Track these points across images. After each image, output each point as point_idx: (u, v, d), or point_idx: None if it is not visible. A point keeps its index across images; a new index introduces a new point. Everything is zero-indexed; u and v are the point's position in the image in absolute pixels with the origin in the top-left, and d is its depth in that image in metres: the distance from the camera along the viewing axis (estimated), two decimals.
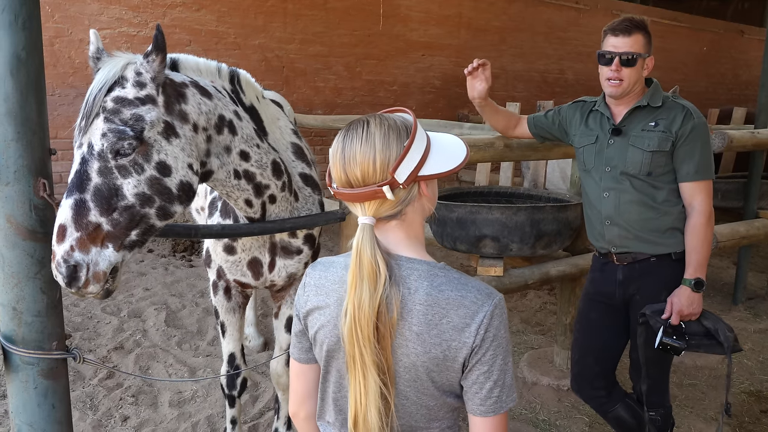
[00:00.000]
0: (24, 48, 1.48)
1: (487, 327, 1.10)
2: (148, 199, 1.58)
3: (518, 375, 3.69)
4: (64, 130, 5.97)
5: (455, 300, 1.11)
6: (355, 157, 1.13)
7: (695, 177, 2.20)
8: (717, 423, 3.18)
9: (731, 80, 13.14)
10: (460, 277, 1.15)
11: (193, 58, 1.83)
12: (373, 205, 1.14)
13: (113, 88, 1.57)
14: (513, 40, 9.43)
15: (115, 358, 3.71)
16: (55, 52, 5.92)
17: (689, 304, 2.18)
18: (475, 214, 2.80)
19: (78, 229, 1.48)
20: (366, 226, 1.14)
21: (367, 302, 1.09)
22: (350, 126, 1.18)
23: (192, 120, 1.69)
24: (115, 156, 1.53)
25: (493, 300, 1.12)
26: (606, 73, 2.26)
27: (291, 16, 7.28)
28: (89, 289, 1.51)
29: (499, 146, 2.70)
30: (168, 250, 5.92)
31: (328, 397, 1.26)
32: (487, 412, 1.13)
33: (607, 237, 2.35)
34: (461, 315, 1.10)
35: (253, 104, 2.01)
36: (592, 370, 2.48)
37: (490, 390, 1.12)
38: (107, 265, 1.53)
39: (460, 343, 1.10)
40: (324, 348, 1.21)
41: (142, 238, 1.61)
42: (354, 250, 1.13)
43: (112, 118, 1.54)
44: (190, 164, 1.67)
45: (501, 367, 1.12)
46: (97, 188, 1.51)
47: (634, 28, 2.21)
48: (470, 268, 5.69)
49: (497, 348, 1.12)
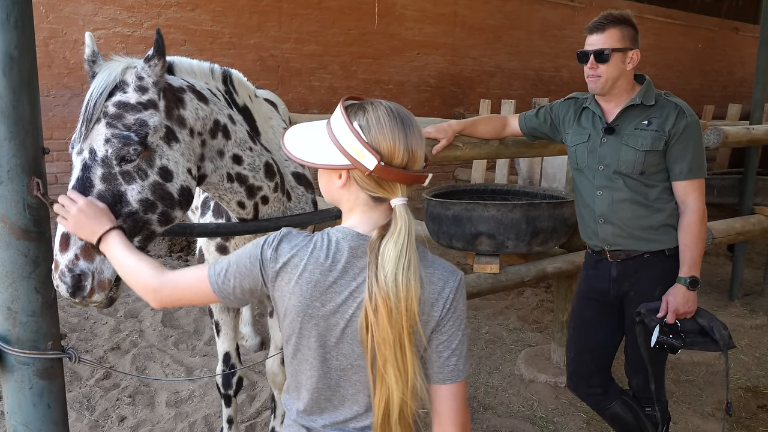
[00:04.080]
0: (16, 47, 1.47)
1: (452, 301, 1.22)
2: (151, 205, 1.56)
3: (515, 372, 3.69)
4: (59, 131, 5.96)
5: (424, 278, 1.19)
6: (417, 141, 1.20)
7: (688, 176, 2.20)
8: (714, 419, 3.19)
9: (726, 77, 13.17)
10: (427, 254, 1.25)
11: (188, 61, 1.81)
12: (411, 187, 1.22)
13: (114, 93, 1.54)
14: (508, 38, 9.43)
15: (111, 358, 3.70)
16: (50, 52, 5.90)
17: (684, 303, 2.19)
18: (470, 212, 2.80)
19: None
20: (405, 205, 1.19)
21: (414, 290, 1.14)
22: (395, 107, 1.20)
23: (189, 125, 1.67)
24: (120, 162, 1.50)
25: (456, 276, 1.24)
26: (585, 71, 2.28)
27: (286, 15, 7.27)
28: (94, 298, 1.50)
29: (494, 143, 2.70)
30: (164, 251, 5.91)
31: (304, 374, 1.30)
32: (445, 380, 1.23)
33: (601, 235, 2.35)
34: (429, 291, 1.20)
35: (246, 104, 2.00)
36: (587, 367, 2.48)
37: (448, 358, 1.23)
38: (112, 273, 1.51)
39: (429, 317, 1.20)
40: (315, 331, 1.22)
41: (144, 244, 1.59)
42: (404, 228, 1.16)
43: (115, 123, 1.51)
44: (189, 169, 1.66)
45: (459, 338, 1.24)
46: (101, 195, 1.49)
47: (610, 23, 2.21)
48: (466, 265, 5.70)
49: (456, 320, 1.23)
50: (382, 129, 1.16)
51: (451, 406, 1.22)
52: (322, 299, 1.19)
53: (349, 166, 1.17)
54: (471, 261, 3.00)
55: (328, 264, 1.18)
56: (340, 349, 1.21)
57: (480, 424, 3.11)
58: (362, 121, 1.17)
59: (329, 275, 1.18)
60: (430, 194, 3.12)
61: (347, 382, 1.24)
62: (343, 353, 1.22)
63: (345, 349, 1.21)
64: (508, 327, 4.44)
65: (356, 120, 1.17)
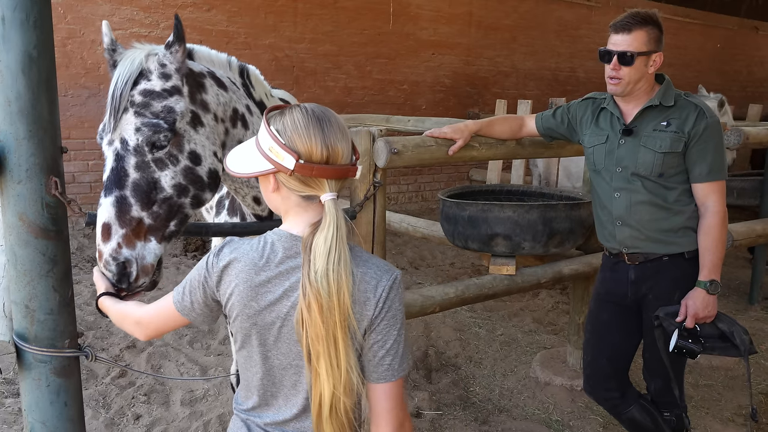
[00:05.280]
0: (35, 47, 1.48)
1: (385, 300, 1.22)
2: (183, 189, 1.60)
3: (531, 375, 3.66)
4: (76, 130, 6.02)
5: (358, 276, 1.20)
6: (337, 136, 1.22)
7: (708, 178, 2.16)
8: (734, 424, 3.14)
9: (746, 77, 12.98)
10: (362, 253, 1.26)
11: (207, 49, 1.85)
12: (340, 182, 1.24)
13: (138, 81, 1.57)
14: (524, 38, 9.37)
15: (127, 356, 3.73)
16: (68, 52, 5.96)
17: (704, 307, 2.14)
18: (486, 213, 2.77)
19: (122, 225, 1.50)
20: (334, 200, 1.22)
21: (345, 288, 1.16)
22: (312, 107, 1.24)
23: (212, 110, 1.70)
24: (151, 149, 1.54)
25: (391, 275, 1.24)
26: (606, 70, 2.23)
27: (301, 15, 7.29)
28: (139, 283, 1.54)
29: (511, 144, 2.68)
30: (179, 250, 5.95)
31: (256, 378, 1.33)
32: (379, 379, 1.23)
33: (618, 237, 2.32)
34: (362, 289, 1.21)
35: (263, 99, 2.02)
36: (604, 371, 2.45)
37: (382, 358, 1.23)
38: (153, 257, 1.56)
39: (362, 315, 1.21)
40: (255, 329, 1.26)
41: (179, 227, 1.64)
42: (333, 222, 1.19)
43: (143, 112, 1.54)
44: (215, 152, 1.69)
45: (395, 338, 1.23)
46: (136, 183, 1.53)
47: (636, 24, 2.15)
48: (482, 266, 5.67)
49: (391, 319, 1.23)
50: (297, 129, 1.21)
51: (386, 405, 1.23)
52: (258, 298, 1.23)
53: (273, 170, 1.22)
54: (486, 262, 2.98)
55: (262, 263, 1.23)
56: (279, 347, 1.25)
57: (495, 427, 3.09)
58: (279, 125, 1.22)
59: (262, 274, 1.22)
60: (445, 195, 3.10)
61: (288, 382, 1.28)
62: (282, 352, 1.26)
63: (283, 348, 1.25)
64: (524, 329, 4.41)
65: (274, 125, 1.23)
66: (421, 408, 3.25)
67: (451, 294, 2.64)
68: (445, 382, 3.55)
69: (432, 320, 4.40)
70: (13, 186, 1.52)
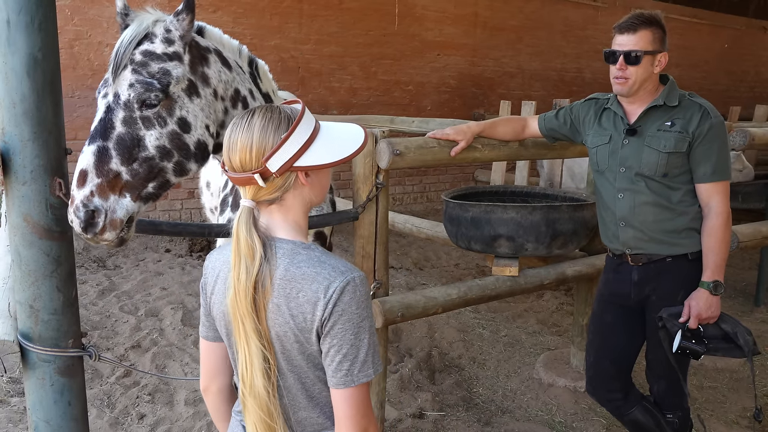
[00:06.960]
0: (40, 49, 1.50)
1: (336, 302, 1.17)
2: (167, 153, 1.63)
3: (534, 376, 3.65)
4: (83, 132, 6.05)
5: (310, 276, 1.19)
6: (236, 144, 1.22)
7: (712, 178, 2.16)
8: (738, 426, 3.12)
9: (753, 77, 12.90)
10: (321, 255, 1.23)
11: (219, 32, 1.88)
12: (252, 189, 1.23)
13: (142, 42, 1.62)
14: (529, 38, 9.36)
15: (132, 356, 3.75)
16: (75, 54, 6.00)
17: (707, 308, 2.14)
18: (489, 214, 2.78)
19: (99, 175, 1.52)
20: (245, 208, 1.23)
21: (245, 277, 1.18)
22: (241, 115, 1.26)
23: (213, 85, 1.74)
24: (141, 106, 1.58)
25: (346, 277, 1.19)
26: (612, 71, 2.23)
27: (306, 16, 7.31)
28: (105, 236, 1.55)
29: (514, 145, 2.68)
30: (185, 250, 5.98)
31: None
32: (338, 384, 1.20)
33: (622, 238, 2.32)
34: (314, 290, 1.18)
35: (269, 93, 2.04)
36: (607, 372, 2.45)
37: (340, 363, 1.19)
38: (124, 213, 1.57)
39: (314, 316, 1.18)
40: (222, 324, 1.30)
41: (158, 191, 1.66)
42: (234, 230, 1.22)
43: (140, 70, 1.59)
44: (207, 125, 1.72)
45: (352, 342, 1.18)
46: (120, 137, 1.56)
47: (641, 24, 2.16)
48: (486, 268, 5.67)
49: (346, 323, 1.18)
50: (225, 137, 1.27)
51: (346, 411, 1.20)
52: (221, 297, 1.28)
53: None
54: (490, 263, 2.98)
55: (227, 266, 1.27)
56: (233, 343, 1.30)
57: (498, 428, 3.09)
58: None
59: (228, 276, 1.25)
60: (448, 196, 3.10)
61: None
62: None
63: None
64: (527, 330, 4.40)
65: None
66: (424, 409, 3.25)
67: (453, 295, 2.65)
68: (448, 383, 3.56)
69: (436, 321, 4.40)
70: (18, 187, 1.53)
